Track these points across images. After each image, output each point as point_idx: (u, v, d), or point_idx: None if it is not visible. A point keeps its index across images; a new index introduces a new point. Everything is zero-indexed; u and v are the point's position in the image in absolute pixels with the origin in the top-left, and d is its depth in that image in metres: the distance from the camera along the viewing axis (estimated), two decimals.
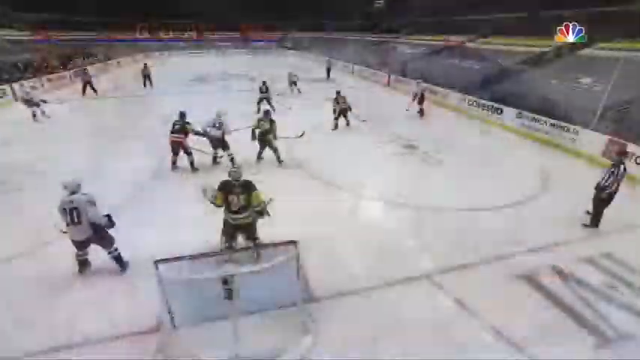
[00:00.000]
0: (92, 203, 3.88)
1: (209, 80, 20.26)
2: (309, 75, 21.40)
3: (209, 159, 7.48)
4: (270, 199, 4.43)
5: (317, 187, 6.62)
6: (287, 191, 6.31)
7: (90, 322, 3.49)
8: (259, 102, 11.82)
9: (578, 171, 7.71)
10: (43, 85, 16.20)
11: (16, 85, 14.34)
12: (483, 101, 11.99)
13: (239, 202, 3.91)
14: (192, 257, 3.54)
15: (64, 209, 3.80)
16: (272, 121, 7.36)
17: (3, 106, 12.80)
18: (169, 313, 3.03)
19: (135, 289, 3.85)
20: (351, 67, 23.51)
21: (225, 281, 2.65)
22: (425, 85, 12.04)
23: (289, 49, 42.12)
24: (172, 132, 6.96)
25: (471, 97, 12.61)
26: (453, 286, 4.03)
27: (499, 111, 11.22)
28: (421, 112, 11.93)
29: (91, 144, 8.94)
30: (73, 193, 3.84)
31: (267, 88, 11.87)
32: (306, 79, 21.18)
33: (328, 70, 21.32)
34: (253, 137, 7.43)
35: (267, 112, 7.52)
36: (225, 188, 3.90)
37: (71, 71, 19.60)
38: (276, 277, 3.42)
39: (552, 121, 9.25)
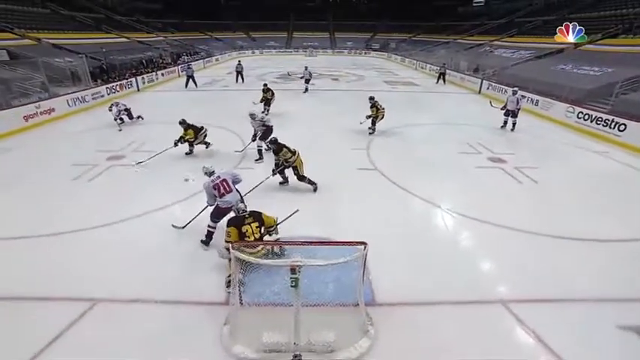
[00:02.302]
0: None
1: (294, 78, 21.27)
2: (396, 77, 20.79)
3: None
4: (296, 210, 4.42)
5: (393, 193, 6.41)
6: (362, 194, 6.32)
7: (174, 286, 3.95)
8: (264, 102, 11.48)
9: None
10: (157, 79, 18.99)
11: (139, 79, 17.09)
12: (600, 114, 10.15)
13: (254, 233, 3.81)
14: (265, 243, 3.75)
15: (215, 186, 4.50)
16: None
17: (128, 96, 15.32)
18: (239, 291, 3.27)
19: (213, 266, 4.24)
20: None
21: (293, 270, 2.75)
22: (521, 94, 10.56)
23: (376, 50, 41.83)
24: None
25: (582, 110, 10.77)
26: (534, 320, 3.53)
27: (621, 127, 9.36)
28: (513, 125, 10.40)
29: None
30: (212, 173, 4.62)
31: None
32: (391, 81, 20.89)
33: (442, 75, 20.24)
34: (302, 177, 6.23)
35: (275, 140, 6.19)
36: (237, 222, 3.83)
37: (179, 67, 22.57)
38: (342, 275, 3.45)
39: None
